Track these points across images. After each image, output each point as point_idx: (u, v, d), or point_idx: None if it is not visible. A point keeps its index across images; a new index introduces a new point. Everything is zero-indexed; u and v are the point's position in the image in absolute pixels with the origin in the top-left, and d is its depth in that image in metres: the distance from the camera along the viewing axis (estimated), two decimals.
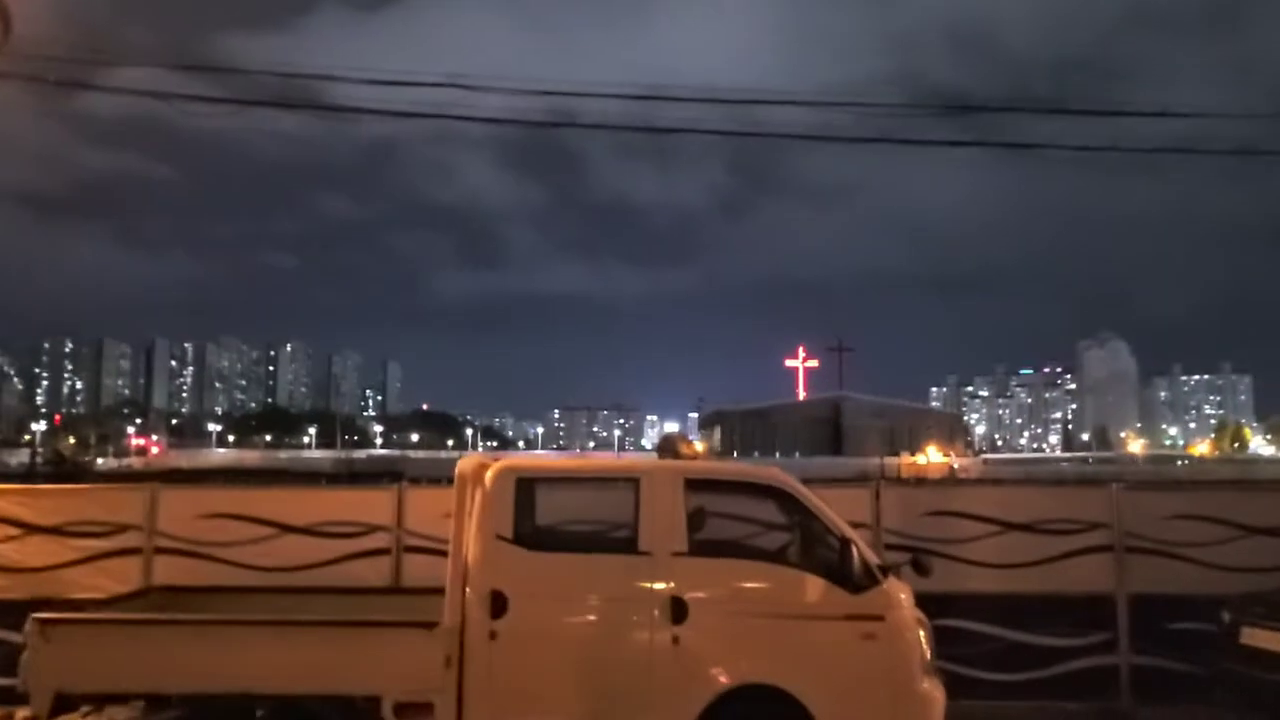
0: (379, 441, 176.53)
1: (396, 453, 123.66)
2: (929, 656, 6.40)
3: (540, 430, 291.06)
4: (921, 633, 6.39)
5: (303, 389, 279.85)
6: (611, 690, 6.21)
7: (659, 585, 6.31)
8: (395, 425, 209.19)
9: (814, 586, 6.31)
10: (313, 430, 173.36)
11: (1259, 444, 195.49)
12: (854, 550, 6.27)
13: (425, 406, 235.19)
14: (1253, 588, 8.20)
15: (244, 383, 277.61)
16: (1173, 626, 8.65)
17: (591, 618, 6.35)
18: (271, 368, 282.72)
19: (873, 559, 6.39)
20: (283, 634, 6.22)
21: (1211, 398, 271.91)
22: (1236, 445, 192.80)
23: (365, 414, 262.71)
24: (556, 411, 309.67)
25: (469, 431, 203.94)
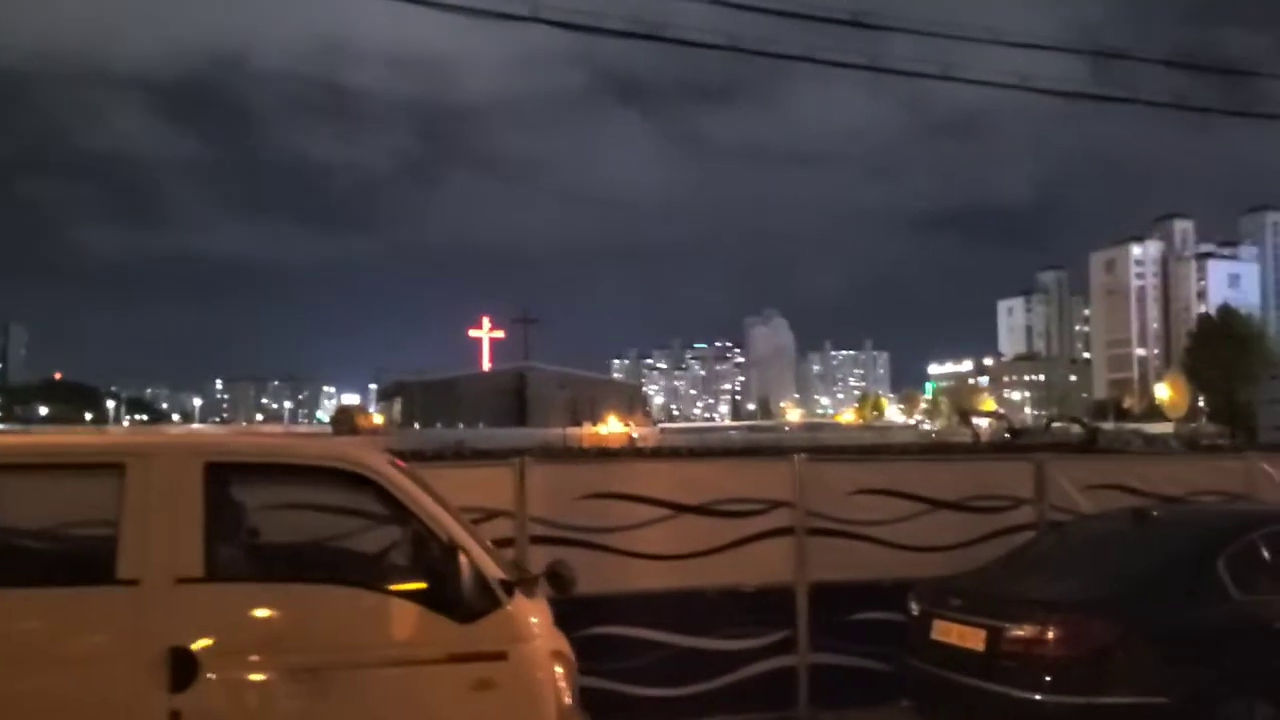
0: None
1: (18, 427, 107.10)
2: (568, 700, 4.56)
3: (199, 402, 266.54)
4: (559, 669, 4.53)
5: None
6: None
7: (149, 630, 3.95)
8: (19, 396, 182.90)
9: (403, 617, 4.22)
10: None
11: (893, 412, 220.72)
12: (463, 560, 4.24)
13: (58, 375, 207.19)
14: (941, 570, 7.20)
15: None
16: (857, 618, 7.50)
17: (28, 690, 3.86)
18: None
19: (493, 571, 4.39)
20: None
21: (856, 371, 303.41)
22: (876, 414, 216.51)
23: None
24: (219, 382, 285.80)
25: (112, 404, 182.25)
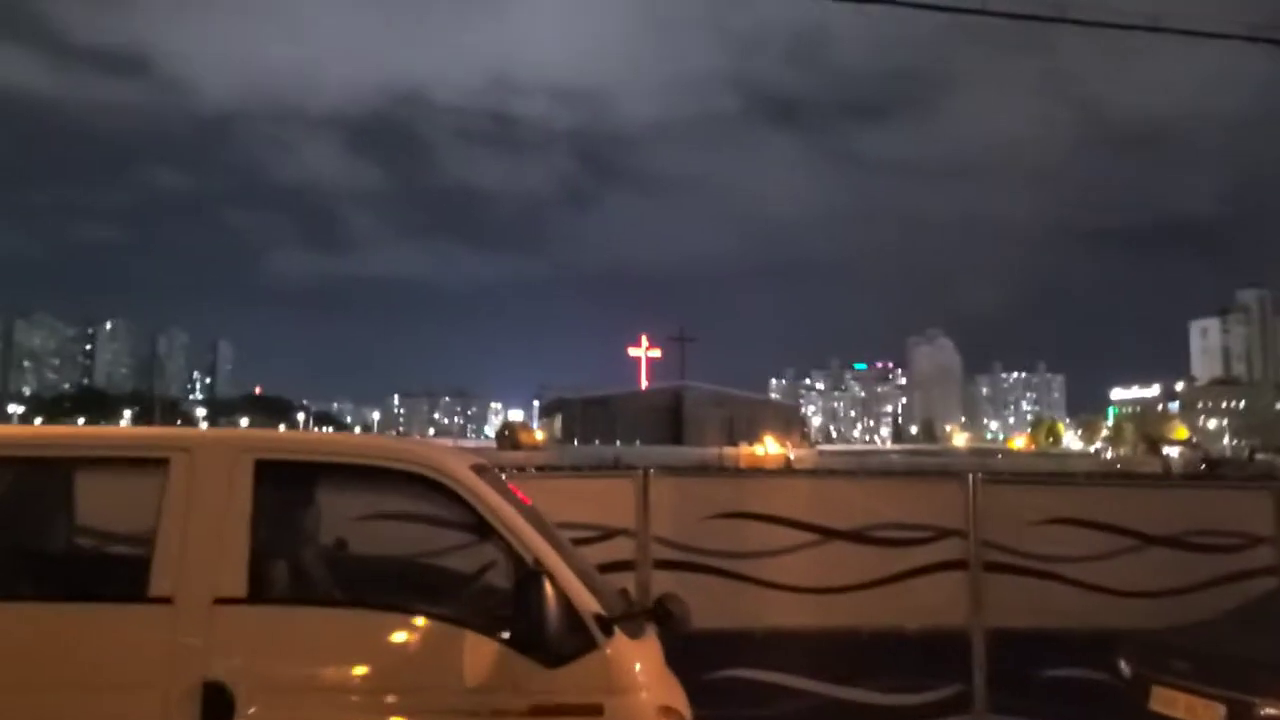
0: (204, 426, 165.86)
1: None
2: None
3: (378, 416, 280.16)
4: None
5: (124, 370, 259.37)
6: None
7: (181, 659, 3.31)
8: (224, 409, 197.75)
9: (477, 656, 3.42)
10: (128, 414, 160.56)
11: (1070, 439, 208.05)
12: (549, 588, 3.41)
13: (258, 390, 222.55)
14: (1152, 621, 5.88)
15: (57, 362, 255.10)
16: (1046, 674, 6.24)
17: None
18: (89, 346, 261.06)
19: (588, 604, 3.54)
20: None
21: (1029, 394, 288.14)
22: (1051, 439, 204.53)
23: (192, 397, 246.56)
24: (396, 397, 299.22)
25: (302, 416, 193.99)
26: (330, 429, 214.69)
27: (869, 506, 6.50)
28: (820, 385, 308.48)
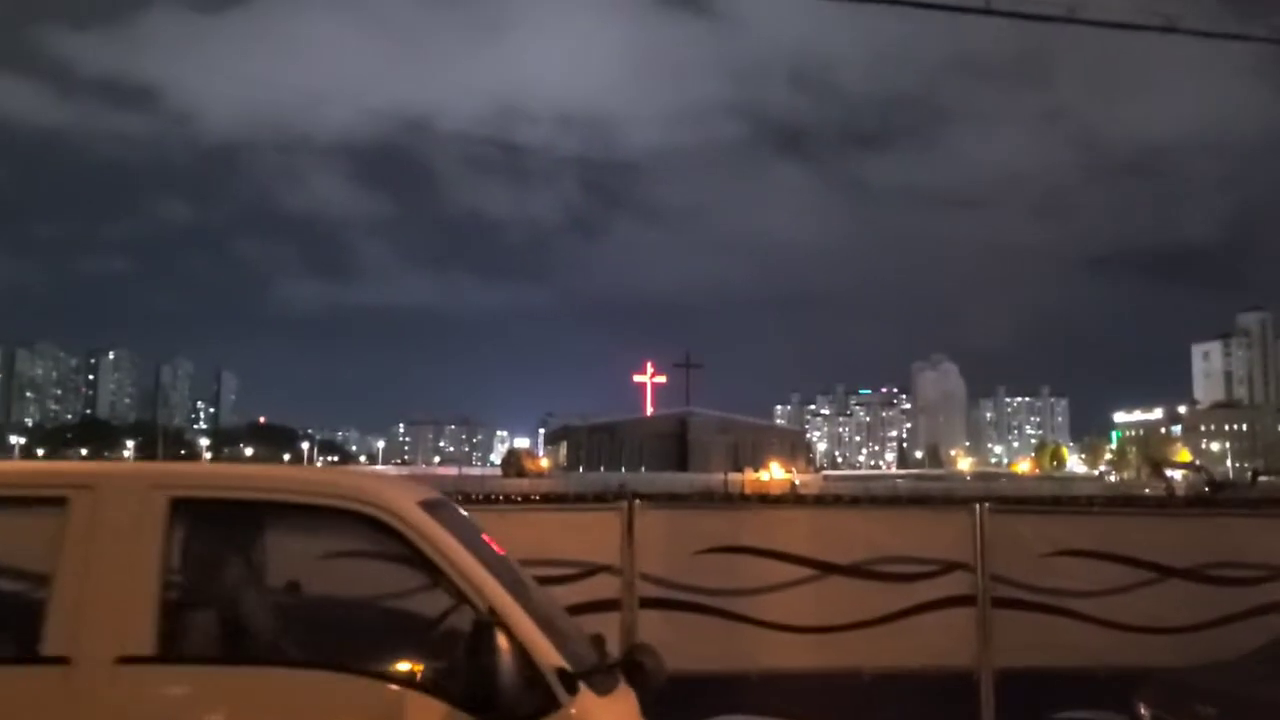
0: (208, 456, 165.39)
1: None
2: None
3: (383, 445, 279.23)
4: None
5: (126, 400, 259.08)
6: None
7: None
8: (228, 438, 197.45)
9: (423, 719, 3.03)
10: (131, 444, 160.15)
11: (1075, 463, 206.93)
12: (503, 641, 3.02)
13: (262, 419, 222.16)
14: (1173, 659, 5.47)
15: (59, 392, 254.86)
16: (1061, 716, 5.82)
17: None
18: (91, 376, 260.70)
19: (549, 657, 3.14)
20: None
21: (1032, 419, 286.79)
22: (1055, 463, 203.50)
23: (196, 427, 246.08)
24: (401, 425, 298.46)
25: (306, 445, 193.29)
26: (335, 458, 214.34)
27: (871, 538, 6.10)
28: (825, 411, 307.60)
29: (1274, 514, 7.38)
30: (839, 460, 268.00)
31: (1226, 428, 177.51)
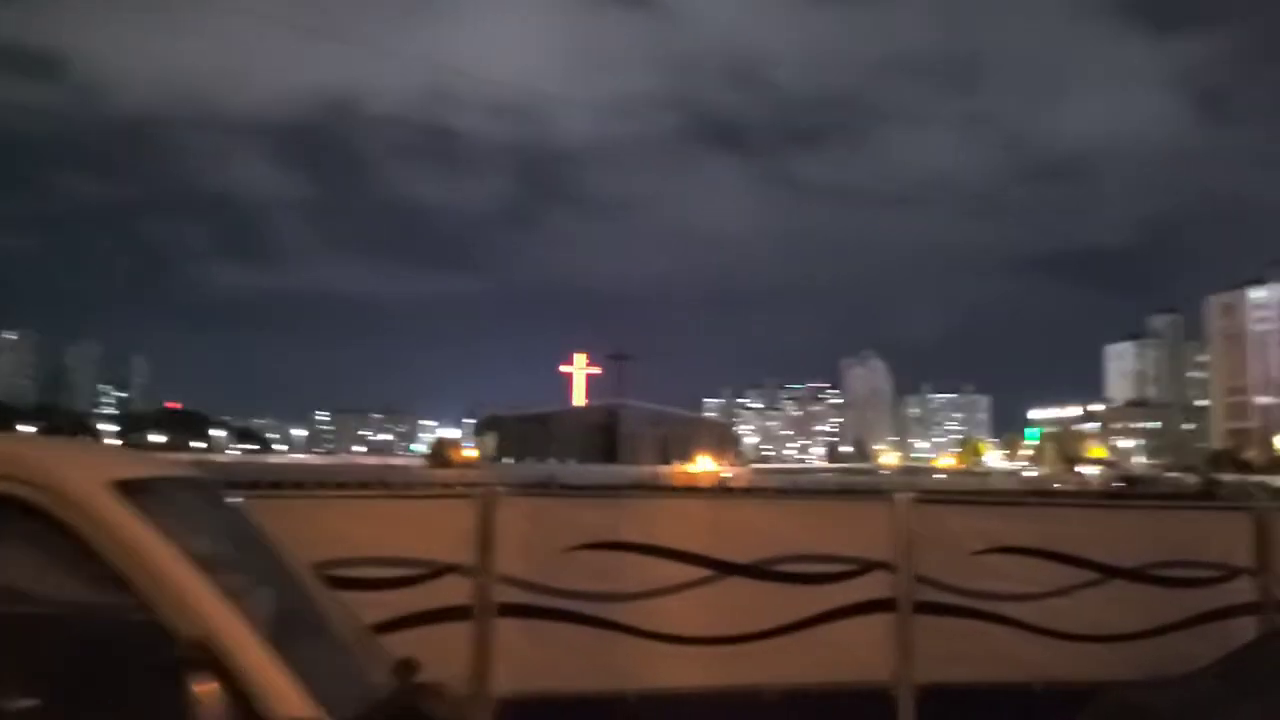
0: (112, 442, 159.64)
1: None
2: None
3: (305, 433, 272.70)
4: None
5: (25, 381, 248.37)
6: None
7: None
8: (135, 424, 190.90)
9: None
10: (33, 429, 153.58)
11: (994, 458, 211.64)
12: (214, 679, 2.01)
13: (171, 404, 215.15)
14: (1121, 672, 4.70)
15: None
16: None
17: None
18: None
19: (285, 702, 2.14)
20: None
21: (956, 415, 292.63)
22: (975, 459, 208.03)
23: (101, 411, 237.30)
24: (325, 414, 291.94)
25: (220, 432, 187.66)
26: (254, 446, 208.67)
27: (776, 533, 5.20)
28: (757, 405, 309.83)
29: (1227, 507, 6.68)
30: (768, 454, 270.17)
31: (1138, 426, 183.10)
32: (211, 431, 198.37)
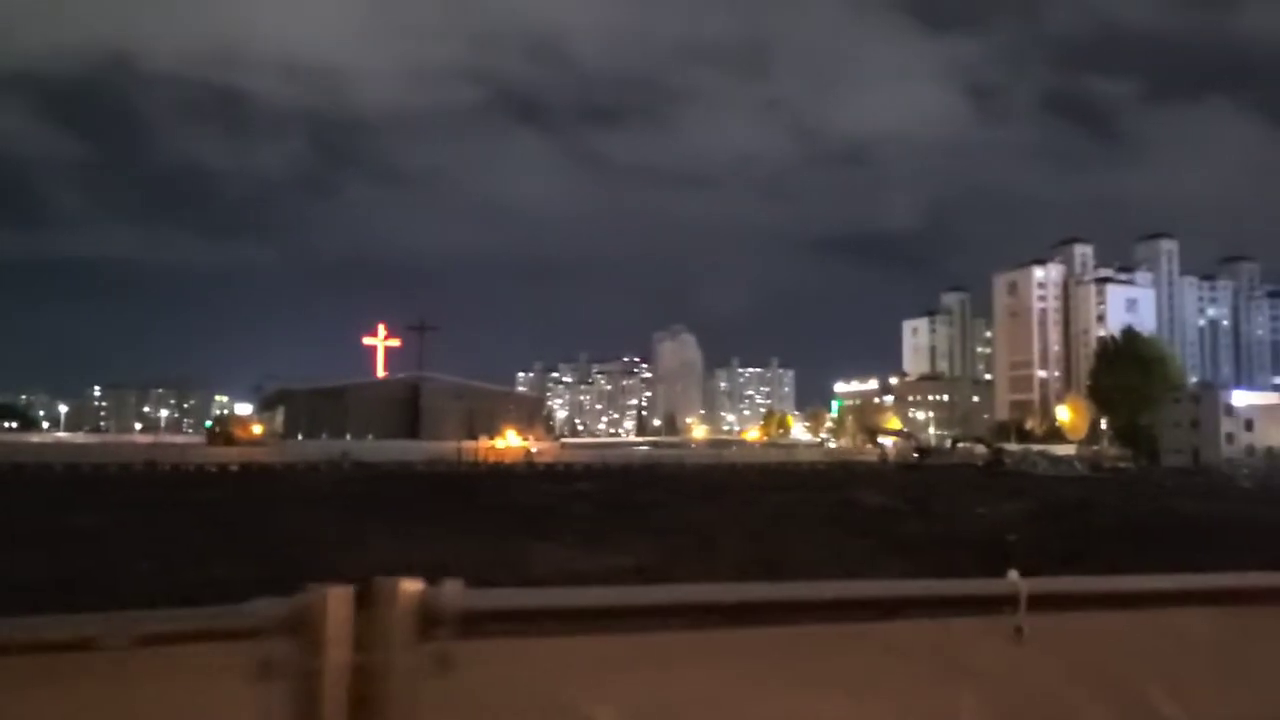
0: None
1: None
2: None
3: (66, 410, 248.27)
4: None
5: None
6: None
7: None
8: None
9: None
10: None
11: (799, 430, 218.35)
12: None
13: None
14: None
15: None
16: None
17: None
18: None
19: None
20: None
21: (763, 389, 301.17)
22: (781, 431, 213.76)
23: None
24: (98, 389, 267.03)
25: None
26: (13, 424, 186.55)
27: None
28: (568, 379, 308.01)
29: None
30: (579, 428, 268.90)
31: (930, 398, 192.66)
32: None
